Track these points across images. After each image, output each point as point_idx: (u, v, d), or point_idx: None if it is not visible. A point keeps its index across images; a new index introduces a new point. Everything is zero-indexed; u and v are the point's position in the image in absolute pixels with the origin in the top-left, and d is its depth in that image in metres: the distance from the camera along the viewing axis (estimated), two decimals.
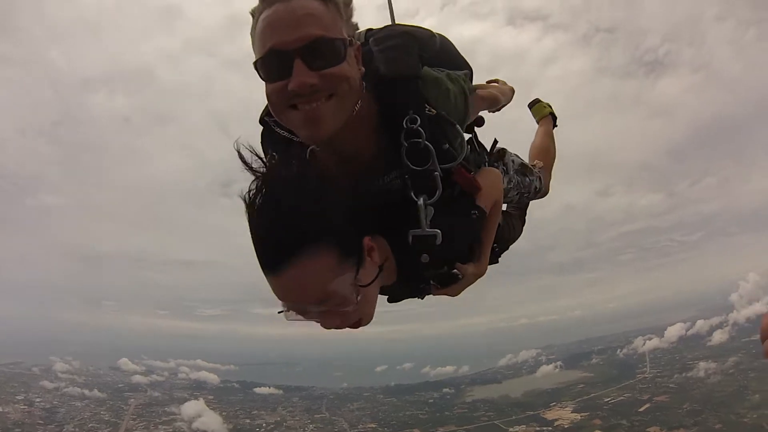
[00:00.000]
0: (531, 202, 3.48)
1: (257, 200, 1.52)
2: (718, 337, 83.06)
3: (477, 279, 2.26)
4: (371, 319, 1.81)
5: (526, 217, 3.47)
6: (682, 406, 61.75)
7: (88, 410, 64.66)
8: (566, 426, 63.12)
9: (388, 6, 2.85)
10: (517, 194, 3.05)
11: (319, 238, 1.50)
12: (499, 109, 2.96)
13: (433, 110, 1.85)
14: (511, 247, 3.00)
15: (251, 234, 1.53)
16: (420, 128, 1.77)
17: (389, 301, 2.28)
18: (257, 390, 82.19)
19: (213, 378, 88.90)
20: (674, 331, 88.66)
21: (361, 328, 1.82)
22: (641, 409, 63.47)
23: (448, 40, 2.40)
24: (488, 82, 3.12)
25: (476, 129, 2.69)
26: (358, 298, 1.62)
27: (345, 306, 1.60)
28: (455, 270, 2.10)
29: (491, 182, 2.22)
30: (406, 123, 1.78)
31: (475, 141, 2.65)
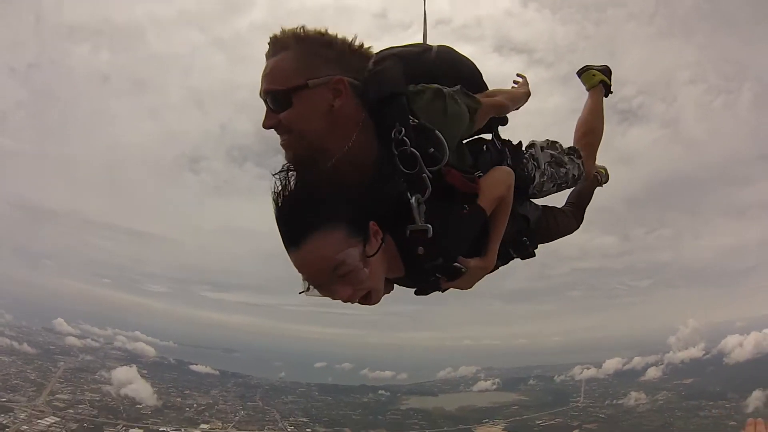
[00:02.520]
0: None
1: (286, 188, 1.97)
2: (652, 373, 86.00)
3: (484, 272, 2.55)
4: (379, 296, 2.15)
5: (584, 214, 3.72)
6: None
7: (15, 366, 61.90)
8: None
9: (423, 26, 3.09)
10: (553, 186, 3.17)
11: (332, 217, 1.92)
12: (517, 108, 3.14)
13: (416, 120, 2.14)
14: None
15: (277, 217, 1.97)
16: (405, 137, 2.07)
17: (416, 293, 2.58)
18: (193, 367, 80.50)
19: (150, 351, 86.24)
20: (612, 365, 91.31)
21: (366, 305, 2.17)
22: None
23: (448, 49, 2.73)
24: (517, 75, 3.30)
25: (500, 128, 2.95)
26: (366, 267, 1.97)
27: (356, 273, 1.95)
28: (457, 264, 2.36)
29: (494, 180, 2.47)
30: (394, 134, 2.09)
31: (496, 140, 2.89)
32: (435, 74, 2.43)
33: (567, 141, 3.39)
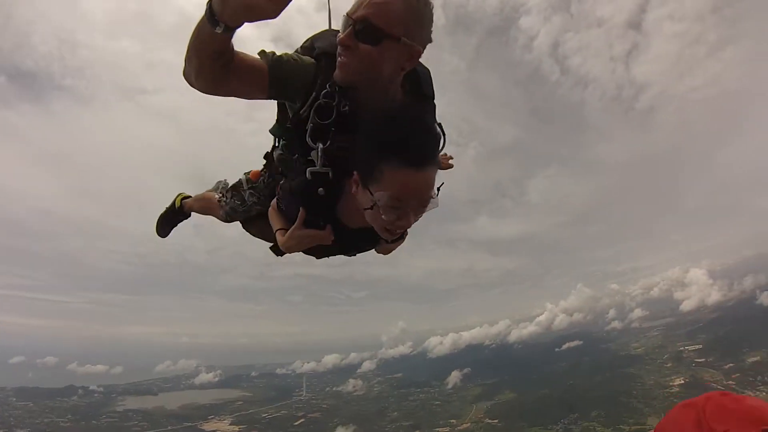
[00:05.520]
0: None
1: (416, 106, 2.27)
2: (367, 365, 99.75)
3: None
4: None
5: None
6: (333, 420, 69.59)
7: None
8: None
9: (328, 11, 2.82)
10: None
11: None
12: None
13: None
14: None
15: (409, 129, 1.88)
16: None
17: (317, 256, 2.71)
18: None
19: None
20: (330, 360, 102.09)
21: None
22: (296, 423, 68.82)
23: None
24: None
25: None
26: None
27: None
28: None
29: None
30: None
31: None
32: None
33: None
